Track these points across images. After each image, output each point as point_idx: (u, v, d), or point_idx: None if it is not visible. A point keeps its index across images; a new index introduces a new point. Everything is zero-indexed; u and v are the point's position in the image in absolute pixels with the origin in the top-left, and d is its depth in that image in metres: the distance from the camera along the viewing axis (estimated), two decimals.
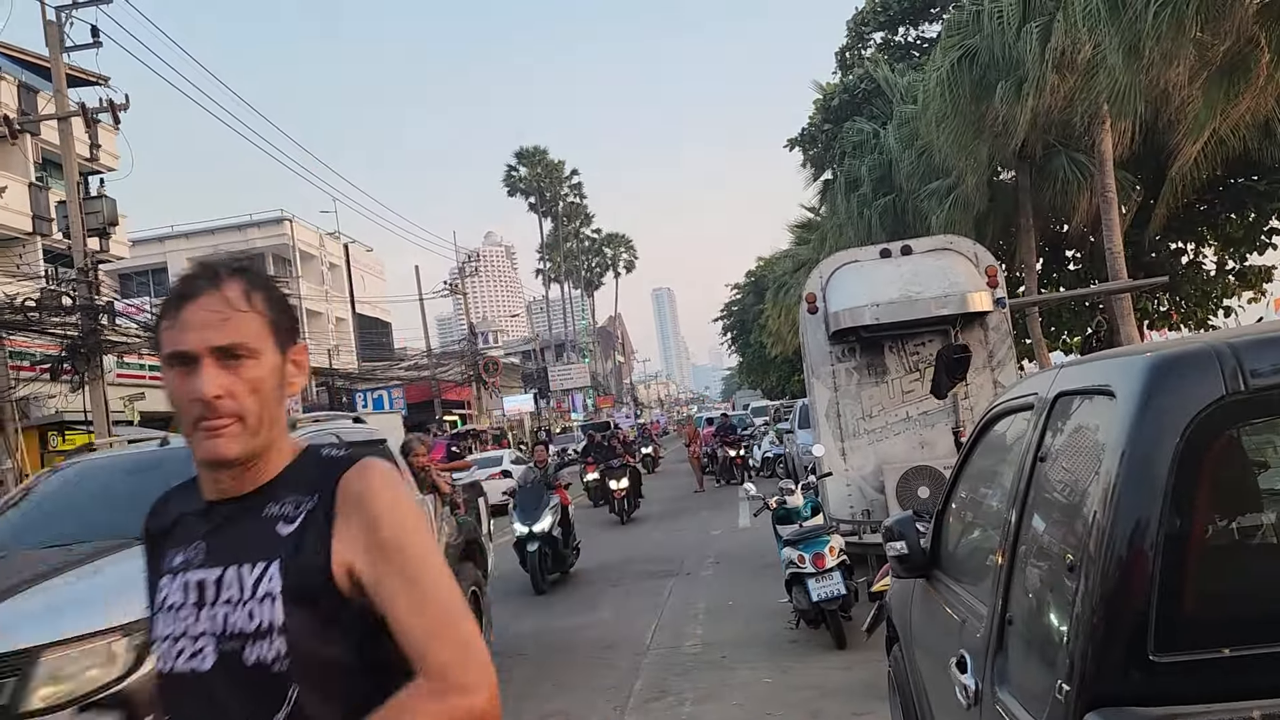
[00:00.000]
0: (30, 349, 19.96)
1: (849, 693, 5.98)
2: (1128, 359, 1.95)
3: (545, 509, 11.16)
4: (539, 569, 10.86)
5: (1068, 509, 2.03)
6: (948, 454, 8.91)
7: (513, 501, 11.67)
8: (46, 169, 28.49)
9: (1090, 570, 1.75)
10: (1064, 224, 19.71)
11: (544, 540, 10.99)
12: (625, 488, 17.62)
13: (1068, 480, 2.09)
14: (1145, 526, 1.69)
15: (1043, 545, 2.16)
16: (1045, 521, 2.18)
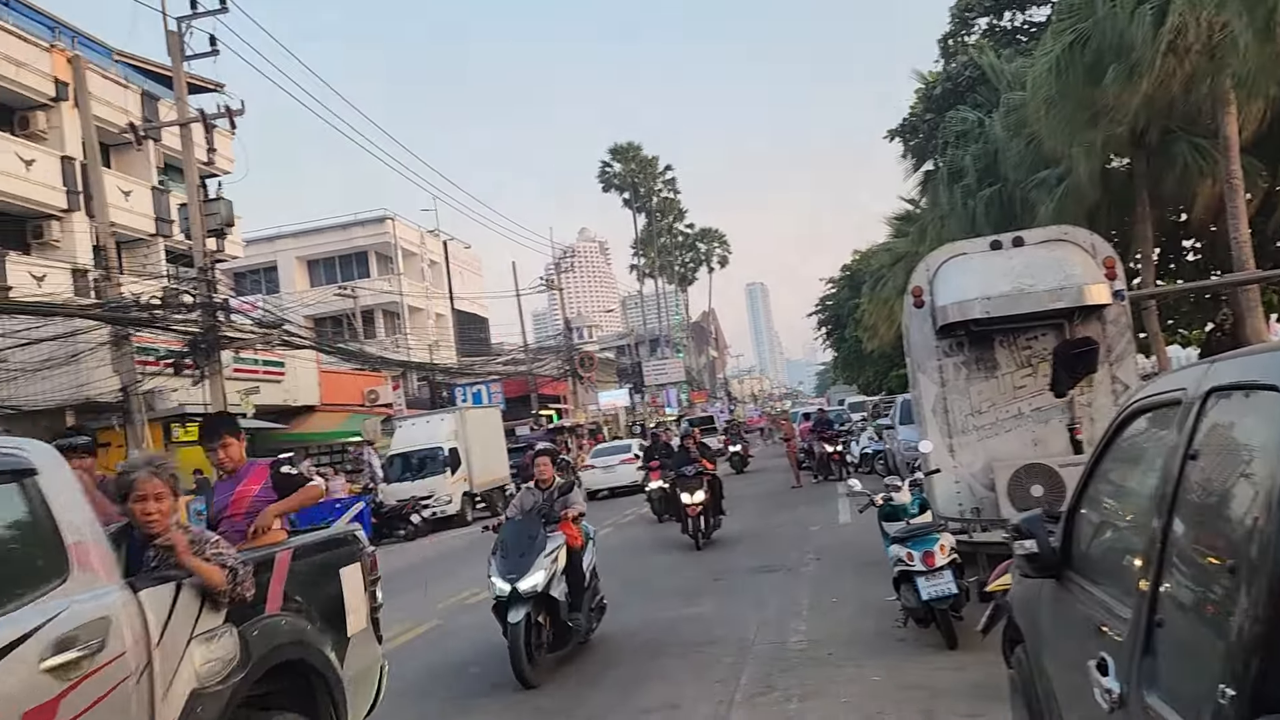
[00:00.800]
0: (154, 345, 20.96)
1: (962, 693, 5.86)
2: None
3: (538, 556, 7.41)
4: (524, 648, 7.17)
5: (1224, 509, 1.96)
6: (1062, 451, 8.65)
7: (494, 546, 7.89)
8: (167, 173, 29.85)
9: (1254, 572, 1.69)
10: (1183, 213, 18.90)
11: (536, 603, 7.34)
12: (702, 502, 13.96)
13: (1224, 479, 2.01)
14: None
15: (1196, 546, 2.09)
16: (1198, 521, 2.10)
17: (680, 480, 14.32)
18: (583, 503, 8.32)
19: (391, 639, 9.83)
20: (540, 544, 7.54)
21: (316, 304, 37.94)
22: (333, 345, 29.08)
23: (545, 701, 6.83)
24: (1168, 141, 15.99)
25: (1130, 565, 2.53)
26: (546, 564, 7.43)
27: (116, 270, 19.53)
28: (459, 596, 12.20)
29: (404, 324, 44.21)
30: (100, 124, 22.33)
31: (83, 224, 25.35)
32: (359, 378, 33.87)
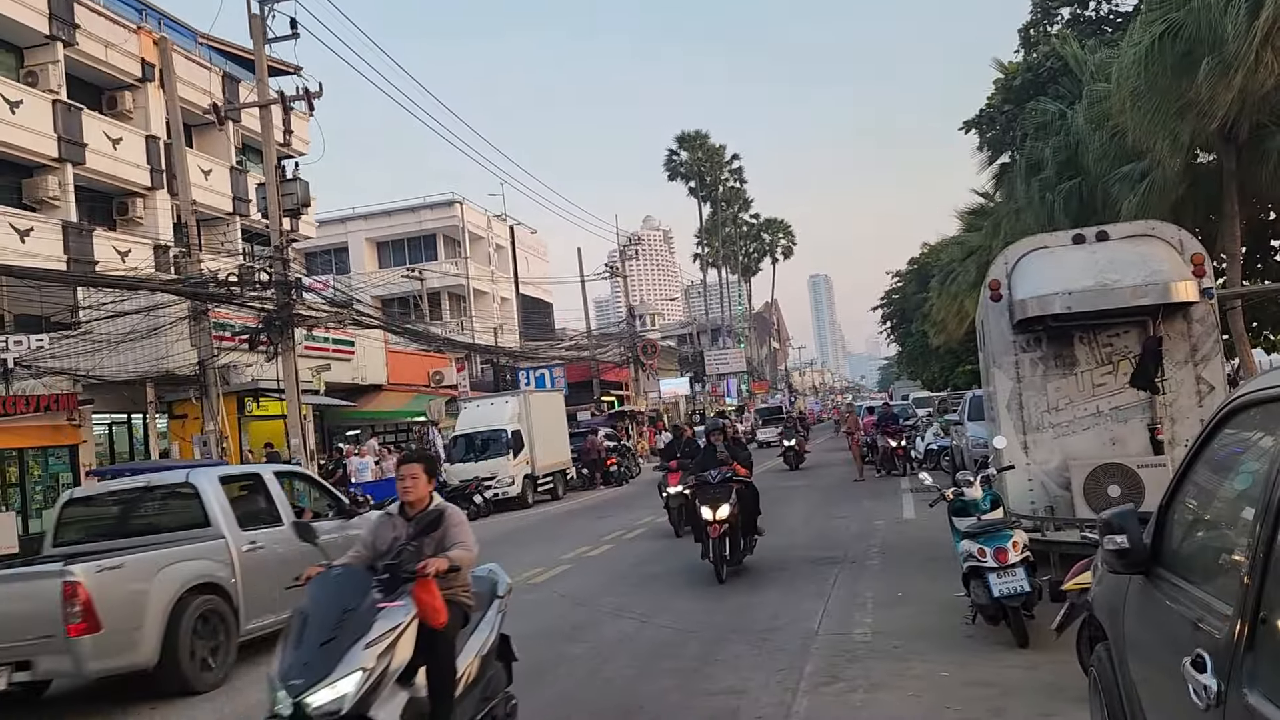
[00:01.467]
0: (230, 320, 21.50)
1: (1034, 692, 5.77)
2: None
3: (355, 643, 4.30)
4: None
5: None
6: (1141, 452, 8.46)
7: None
8: (245, 153, 30.58)
9: None
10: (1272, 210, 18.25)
11: None
12: (728, 519, 10.38)
13: None
14: None
15: None
16: None
17: (701, 489, 10.82)
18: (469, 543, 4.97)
19: None
20: (363, 627, 4.37)
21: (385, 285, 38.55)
22: (400, 326, 29.55)
23: (613, 681, 6.88)
24: (1259, 136, 15.40)
25: (1232, 561, 2.47)
26: (368, 658, 4.30)
27: (196, 247, 20.08)
28: (521, 576, 12.36)
29: (469, 307, 44.73)
30: (184, 105, 22.96)
31: (165, 201, 26.11)
32: (425, 359, 34.39)
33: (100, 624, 7.00)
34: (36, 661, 7.07)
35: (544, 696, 6.61)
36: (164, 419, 23.55)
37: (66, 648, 6.95)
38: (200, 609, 7.79)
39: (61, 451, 21.92)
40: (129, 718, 7.36)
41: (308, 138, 27.42)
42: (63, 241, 22.87)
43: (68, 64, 24.29)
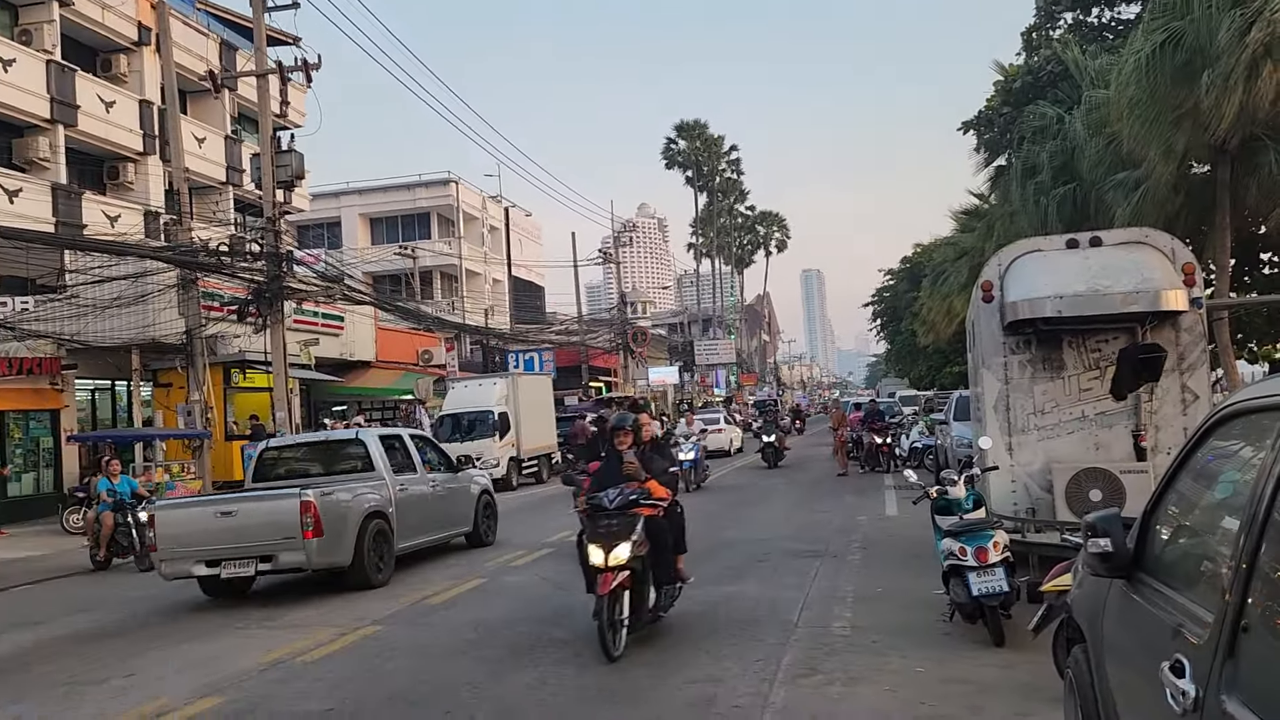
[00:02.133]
0: (220, 291, 21.39)
1: (1009, 691, 5.82)
2: None
3: None
4: None
5: None
6: (1124, 458, 8.52)
7: None
8: (241, 123, 30.36)
9: None
10: (1262, 224, 18.33)
11: None
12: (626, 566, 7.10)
13: None
14: None
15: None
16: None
17: (591, 519, 7.52)
18: None
19: (435, 594, 10.03)
20: None
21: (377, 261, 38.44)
22: (391, 303, 29.43)
23: (591, 665, 6.90)
24: (1252, 149, 15.48)
25: (1214, 568, 2.49)
26: None
27: (187, 215, 19.95)
28: (504, 558, 12.37)
29: (461, 287, 44.61)
30: (180, 70, 22.76)
31: (157, 168, 25.94)
32: (414, 337, 34.31)
33: (322, 531, 10.00)
34: (278, 556, 10.09)
35: (522, 679, 6.63)
36: (148, 387, 23.45)
37: (301, 546, 9.97)
38: (375, 529, 10.73)
39: (43, 415, 21.82)
40: (331, 605, 9.77)
41: (304, 110, 27.24)
42: (51, 203, 22.69)
43: (63, 24, 24.06)
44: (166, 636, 8.98)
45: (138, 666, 7.73)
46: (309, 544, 9.95)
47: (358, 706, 6.23)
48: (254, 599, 10.57)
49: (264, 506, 10.40)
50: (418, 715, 6.01)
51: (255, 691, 6.71)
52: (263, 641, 8.30)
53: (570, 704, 6.05)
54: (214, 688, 6.84)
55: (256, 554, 10.12)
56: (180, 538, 10.36)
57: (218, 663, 7.61)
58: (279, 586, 11.34)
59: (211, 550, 10.22)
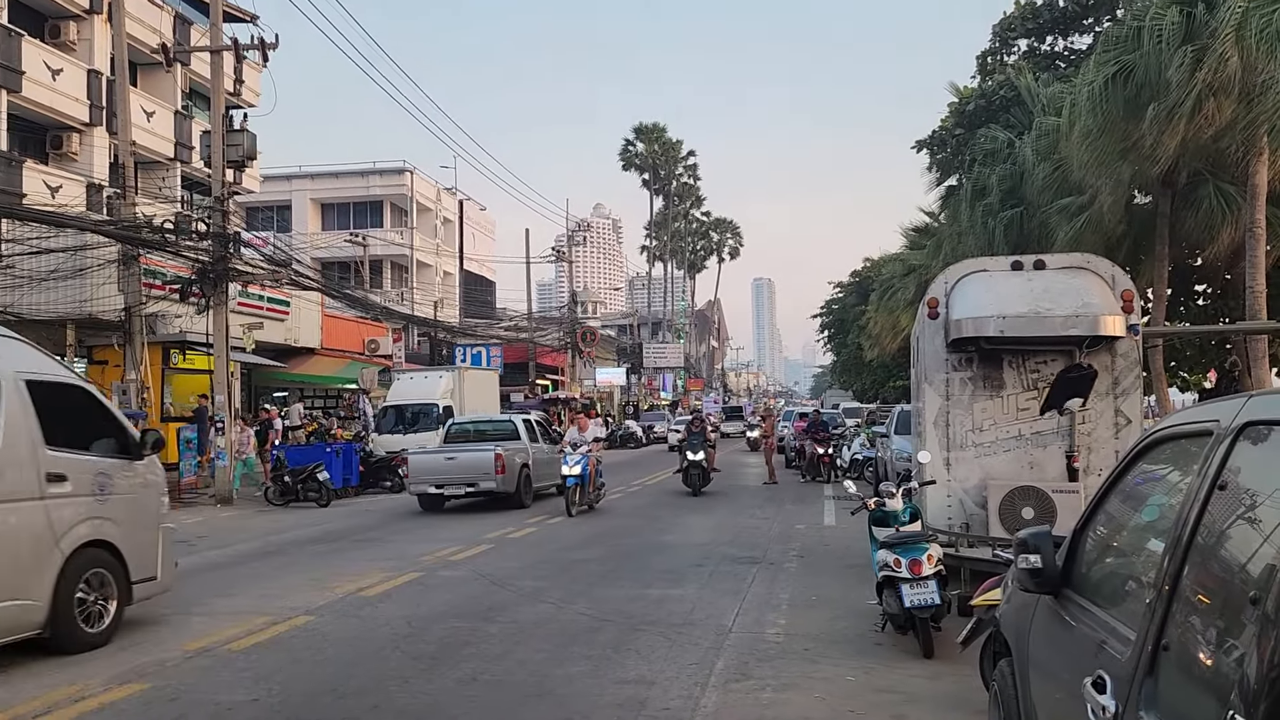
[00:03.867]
0: (162, 268, 20.92)
1: (935, 702, 5.91)
2: None
3: None
4: None
5: (1251, 540, 1.98)
6: (1057, 477, 8.71)
7: None
8: (192, 99, 29.73)
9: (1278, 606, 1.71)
10: (1198, 256, 18.89)
11: None
12: None
13: (1252, 511, 2.03)
14: None
15: (1215, 574, 2.11)
16: (1220, 551, 2.12)
17: None
18: None
19: (370, 586, 9.92)
20: None
21: (327, 248, 37.91)
22: (339, 290, 29.04)
23: (522, 662, 6.87)
24: (1194, 183, 15.95)
25: (1139, 587, 2.56)
26: None
27: (132, 189, 19.47)
28: (442, 552, 12.27)
29: (411, 278, 44.15)
30: (131, 41, 22.23)
31: (102, 140, 25.28)
32: (361, 326, 33.88)
33: (504, 470, 16.93)
34: (479, 484, 16.94)
35: (454, 674, 6.58)
36: (83, 363, 22.83)
37: (494, 479, 16.84)
38: (525, 473, 17.69)
39: None
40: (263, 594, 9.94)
41: (259, 89, 26.77)
42: None
43: None
44: None
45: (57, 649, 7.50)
46: (498, 478, 16.86)
47: (284, 698, 6.13)
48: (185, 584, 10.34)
49: (473, 455, 17.26)
50: (344, 708, 5.92)
51: (179, 679, 6.56)
52: (191, 628, 8.13)
53: (500, 701, 6.02)
54: (136, 673, 6.68)
55: (466, 482, 17.11)
56: (422, 471, 17.43)
57: (141, 648, 7.43)
58: (210, 572, 11.14)
59: (440, 478, 17.29)
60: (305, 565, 11.55)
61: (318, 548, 13.16)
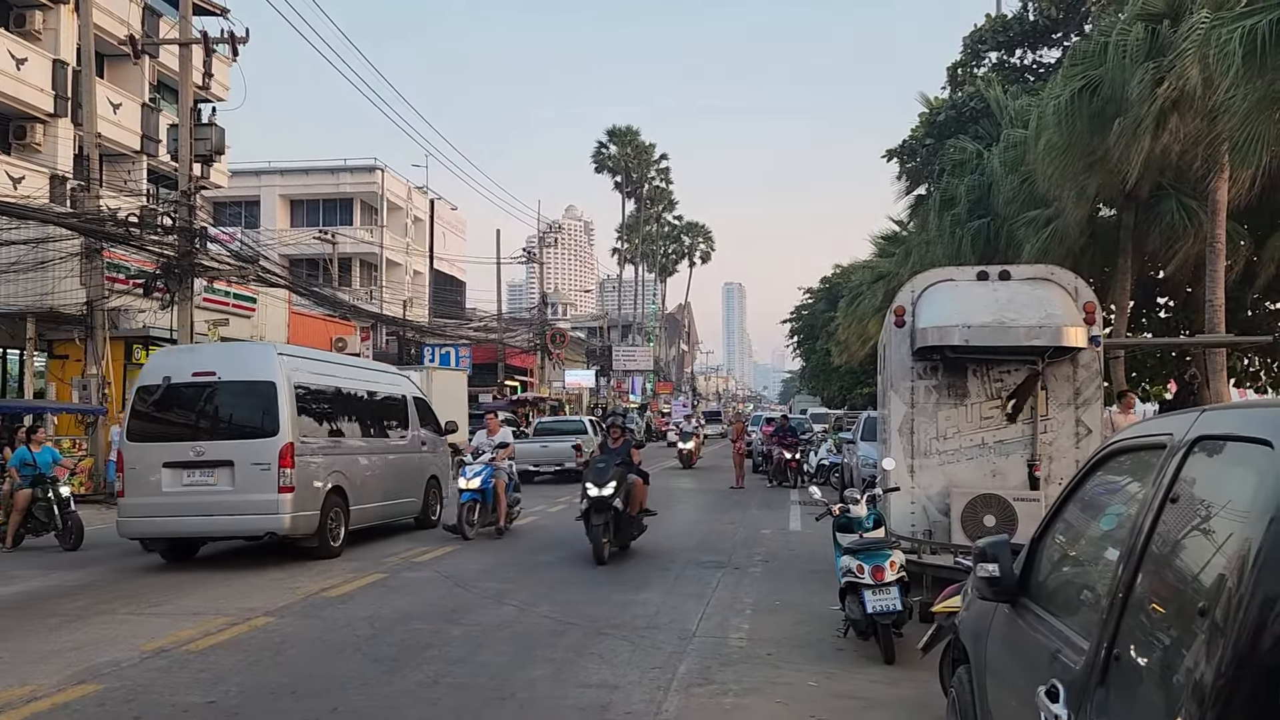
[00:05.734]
0: (126, 262, 20.63)
1: (895, 708, 5.96)
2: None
3: None
4: None
5: (1202, 552, 2.01)
6: (1019, 485, 8.79)
7: None
8: (160, 92, 29.36)
9: (1227, 616, 1.74)
10: (1161, 270, 19.19)
11: None
12: None
13: (1203, 523, 2.06)
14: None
15: (1167, 584, 2.14)
16: (1172, 561, 2.16)
17: None
18: None
19: (333, 587, 9.83)
20: None
21: (295, 244, 37.55)
22: (307, 288, 28.77)
23: (484, 665, 6.84)
24: (1157, 197, 16.21)
25: (1093, 597, 2.59)
26: None
27: (97, 182, 19.19)
28: (407, 553, 12.19)
29: (381, 276, 43.84)
30: (98, 32, 21.94)
31: (67, 131, 24.90)
32: (329, 324, 33.59)
33: (583, 455, 22.19)
34: (564, 464, 24.22)
35: (415, 676, 6.54)
36: (43, 357, 22.46)
37: (574, 461, 23.55)
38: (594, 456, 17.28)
39: None
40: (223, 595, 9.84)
41: (228, 83, 26.52)
42: None
43: None
44: (47, 620, 8.59)
45: (9, 649, 7.38)
46: (579, 460, 22.66)
47: (241, 699, 6.06)
48: (147, 584, 10.21)
49: (560, 443, 24.69)
50: (303, 710, 5.86)
51: (135, 680, 6.47)
52: (148, 629, 8.02)
53: (461, 704, 5.98)
54: (92, 674, 6.58)
55: (554, 463, 24.25)
56: (523, 456, 21.03)
57: (97, 649, 7.32)
58: (169, 572, 10.99)
59: (534, 460, 23.77)
60: (270, 563, 11.42)
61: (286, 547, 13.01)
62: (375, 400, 14.11)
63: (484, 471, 13.56)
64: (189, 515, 11.16)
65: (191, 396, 11.66)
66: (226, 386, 11.54)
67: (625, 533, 11.84)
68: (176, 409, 11.69)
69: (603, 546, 11.20)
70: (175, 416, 11.69)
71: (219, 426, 11.57)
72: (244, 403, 11.49)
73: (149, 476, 11.24)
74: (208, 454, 11.18)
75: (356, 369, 14.71)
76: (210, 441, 11.28)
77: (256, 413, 11.30)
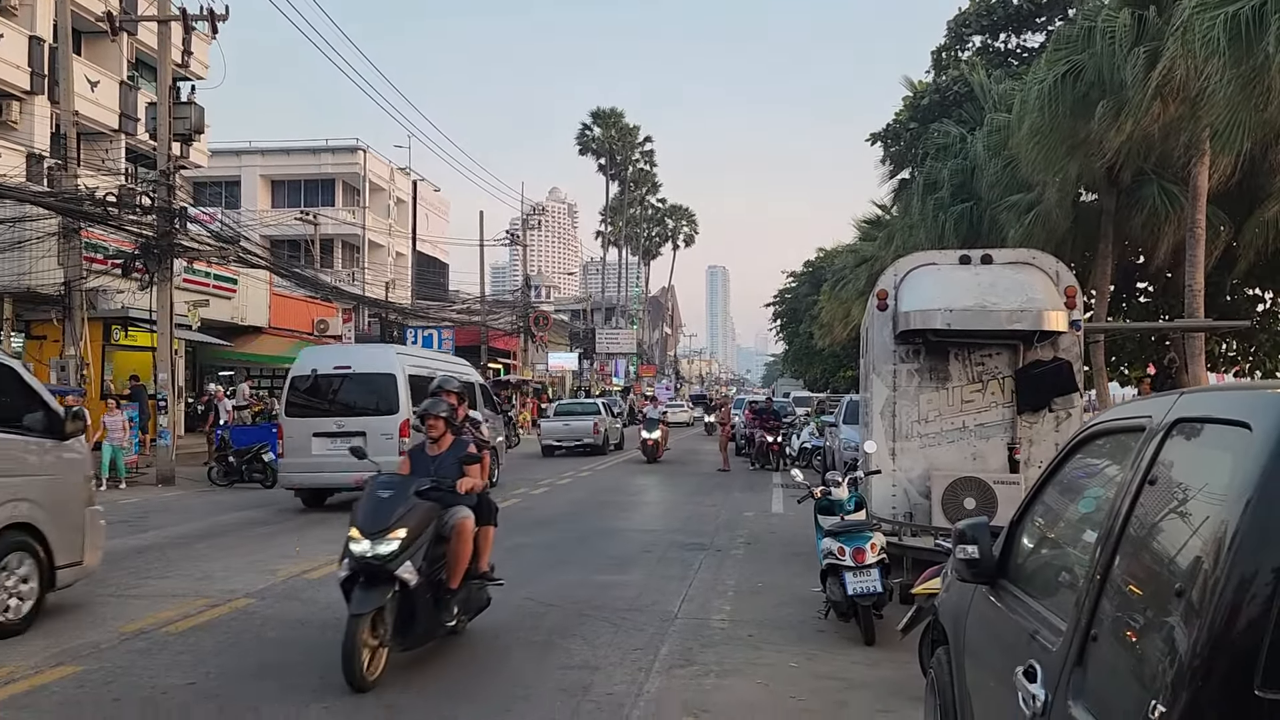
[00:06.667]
0: (105, 242, 20.41)
1: (875, 689, 6.00)
2: (1269, 393, 1.93)
3: None
4: None
5: (1179, 534, 2.02)
6: (999, 469, 8.84)
7: None
8: (138, 69, 28.98)
9: (1202, 598, 1.75)
10: (1141, 254, 19.31)
11: None
12: None
13: (1181, 505, 2.07)
14: (1268, 563, 1.68)
15: (1144, 566, 2.15)
16: (1149, 543, 2.17)
17: None
18: None
19: (314, 569, 9.80)
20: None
21: (277, 225, 37.24)
22: (288, 269, 28.54)
23: (467, 644, 6.84)
24: (1139, 183, 16.29)
25: (1071, 578, 2.60)
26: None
27: (74, 160, 18.95)
28: None
29: (363, 257, 43.58)
30: (75, 8, 21.63)
31: (44, 109, 24.55)
32: (311, 305, 33.38)
33: (600, 433, 27.75)
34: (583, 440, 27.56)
35: (395, 658, 6.52)
36: (20, 338, 22.22)
37: (593, 439, 27.52)
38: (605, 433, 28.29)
39: None
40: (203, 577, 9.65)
41: (208, 61, 26.17)
42: None
43: None
44: None
45: None
46: (596, 438, 26.67)
47: (222, 681, 6.04)
48: (125, 568, 10.15)
49: (580, 422, 27.62)
50: (284, 691, 5.85)
51: (114, 662, 6.44)
52: (127, 611, 7.98)
53: (443, 686, 5.99)
54: (70, 656, 6.54)
55: (575, 440, 26.99)
56: (547, 434, 27.41)
57: (74, 631, 7.27)
58: (148, 554, 10.93)
59: (559, 438, 27.07)
60: (248, 548, 11.39)
61: (261, 530, 12.98)
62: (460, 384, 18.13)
63: None
64: (333, 472, 14.01)
65: (333, 384, 15.04)
66: (358, 377, 14.91)
67: (431, 621, 6.41)
68: (321, 393, 15.04)
69: (359, 657, 5.84)
70: (321, 399, 15.02)
71: (353, 406, 14.68)
72: (372, 389, 14.68)
73: (302, 443, 14.39)
74: (346, 426, 14.06)
75: (442, 361, 18.50)
76: (347, 417, 14.37)
77: (381, 396, 14.55)
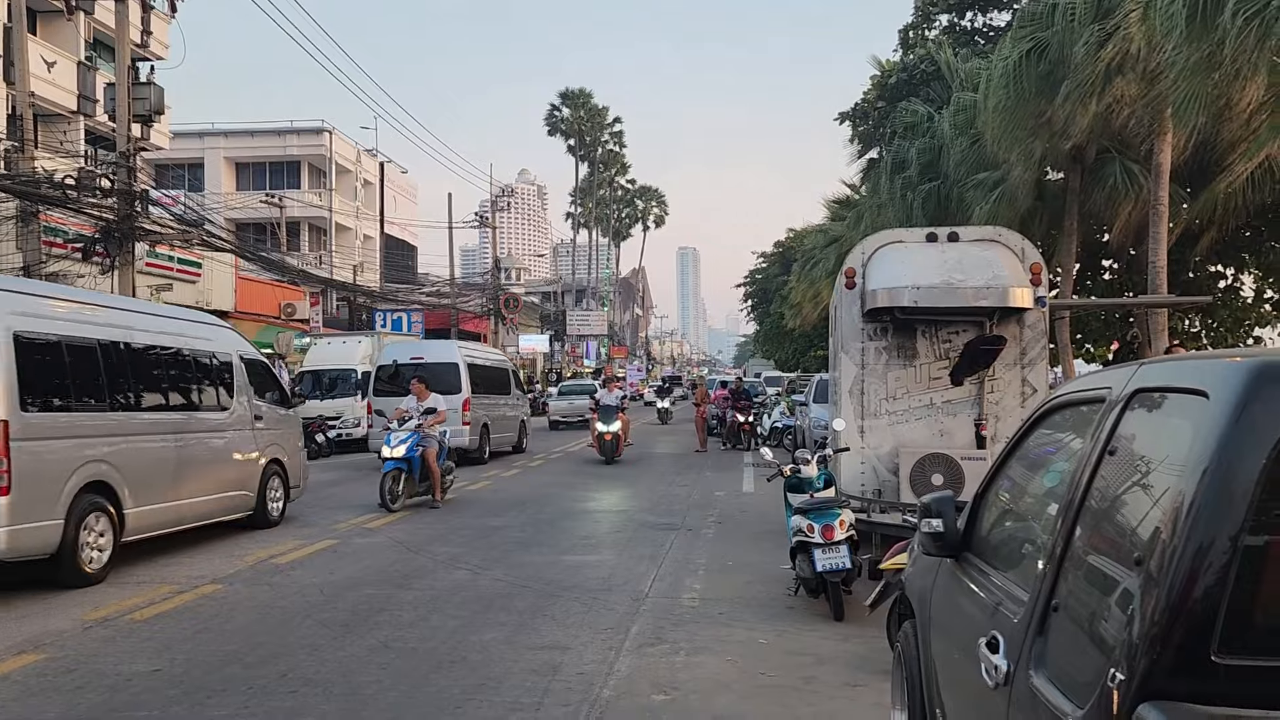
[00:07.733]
0: (64, 226, 20.04)
1: (844, 663, 6.04)
2: (1227, 362, 1.94)
3: None
4: None
5: (1138, 504, 2.03)
6: (966, 445, 8.92)
7: None
8: (96, 49, 28.38)
9: (1160, 567, 1.76)
10: (1105, 232, 19.50)
11: None
12: None
13: (1140, 475, 2.08)
14: (1224, 531, 1.69)
15: (1104, 536, 2.17)
16: (1109, 514, 2.18)
17: None
18: None
19: (281, 554, 9.73)
20: None
21: (242, 208, 36.72)
22: (254, 252, 28.18)
23: (436, 629, 6.82)
24: (1102, 161, 16.42)
25: (1033, 550, 2.62)
26: None
27: (31, 143, 18.54)
28: (358, 519, 12.09)
29: (330, 240, 43.10)
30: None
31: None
32: (277, 289, 33.00)
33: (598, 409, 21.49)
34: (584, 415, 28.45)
35: (366, 641, 6.50)
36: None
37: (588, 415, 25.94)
38: None
39: None
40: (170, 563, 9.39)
41: (168, 41, 25.70)
42: None
43: None
44: None
45: None
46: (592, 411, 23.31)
47: (187, 667, 5.98)
48: None
49: (581, 400, 30.72)
50: (251, 677, 5.80)
51: (78, 649, 6.36)
52: (92, 598, 7.88)
53: (412, 668, 5.96)
54: (32, 644, 6.45)
55: (577, 415, 30.76)
56: (554, 411, 33.37)
57: (36, 618, 7.17)
58: None
59: (563, 414, 32.64)
60: (216, 532, 11.27)
61: None
62: (496, 369, 22.87)
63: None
64: None
65: (410, 371, 17.95)
66: (430, 365, 18.63)
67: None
68: (402, 378, 18.19)
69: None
70: (401, 383, 17.88)
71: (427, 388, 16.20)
72: (440, 374, 17.97)
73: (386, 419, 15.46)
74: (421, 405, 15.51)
75: (485, 352, 23.66)
76: None
77: (448, 380, 18.25)
